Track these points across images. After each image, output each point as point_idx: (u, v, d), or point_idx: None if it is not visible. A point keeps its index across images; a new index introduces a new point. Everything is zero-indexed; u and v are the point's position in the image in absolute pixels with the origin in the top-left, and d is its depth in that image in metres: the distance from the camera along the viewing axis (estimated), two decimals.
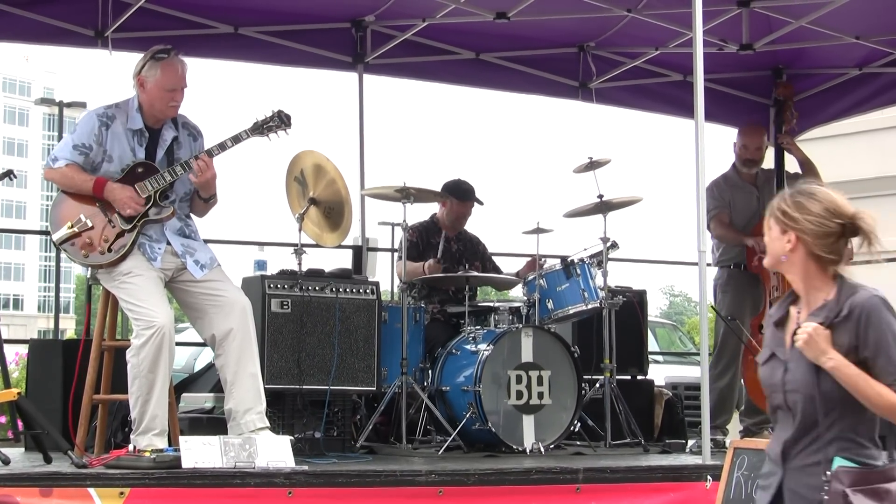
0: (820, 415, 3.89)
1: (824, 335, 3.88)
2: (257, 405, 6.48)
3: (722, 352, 8.47)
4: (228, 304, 6.49)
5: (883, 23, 9.19)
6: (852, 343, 3.88)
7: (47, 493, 5.46)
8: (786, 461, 3.98)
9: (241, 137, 6.70)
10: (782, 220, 4.02)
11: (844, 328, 3.90)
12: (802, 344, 3.90)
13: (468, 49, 9.80)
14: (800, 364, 3.95)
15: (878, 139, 18.49)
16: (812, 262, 4.00)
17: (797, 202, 4.00)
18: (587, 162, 8.43)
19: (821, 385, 3.89)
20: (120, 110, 6.57)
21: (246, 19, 9.09)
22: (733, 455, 5.79)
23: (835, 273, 4.01)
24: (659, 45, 9.68)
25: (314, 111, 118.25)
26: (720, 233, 8.51)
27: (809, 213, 3.98)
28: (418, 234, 8.80)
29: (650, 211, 75.93)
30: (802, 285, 4.04)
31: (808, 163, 8.91)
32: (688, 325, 43.91)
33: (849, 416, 3.87)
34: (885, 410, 3.84)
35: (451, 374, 7.97)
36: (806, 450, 3.93)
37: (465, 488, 6.19)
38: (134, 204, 6.41)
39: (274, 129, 6.78)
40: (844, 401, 3.85)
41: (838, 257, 3.99)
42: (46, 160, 6.69)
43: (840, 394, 3.85)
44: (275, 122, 6.77)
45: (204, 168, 6.48)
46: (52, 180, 6.59)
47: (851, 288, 3.98)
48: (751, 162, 8.82)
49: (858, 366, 3.85)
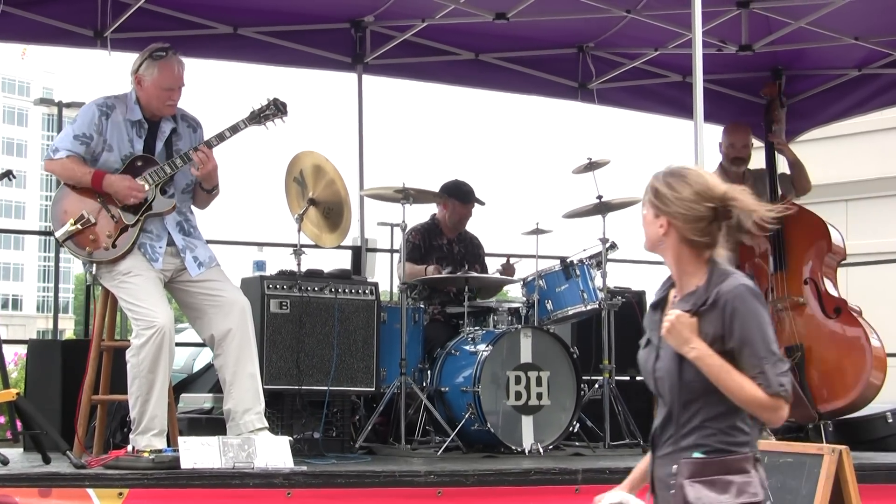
0: (681, 404, 3.77)
1: (689, 323, 3.74)
2: (256, 405, 6.47)
3: None
4: (227, 305, 6.49)
5: (882, 24, 9.19)
6: (718, 332, 3.73)
7: (46, 494, 5.45)
8: (654, 450, 3.88)
9: (238, 127, 6.70)
10: (655, 203, 3.85)
11: (711, 317, 3.75)
12: (665, 332, 3.78)
13: (467, 49, 9.79)
14: (668, 351, 3.82)
15: (878, 140, 18.49)
16: (685, 247, 3.82)
17: (668, 184, 3.82)
18: (586, 163, 8.43)
19: (683, 374, 3.76)
20: (119, 101, 6.58)
21: (245, 19, 9.09)
22: None
23: (709, 258, 3.82)
24: (658, 46, 9.68)
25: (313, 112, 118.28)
26: None
27: (679, 196, 3.80)
28: (421, 235, 8.80)
29: None
30: (676, 270, 3.89)
31: (798, 164, 8.89)
32: None
33: (713, 406, 3.73)
34: (747, 403, 3.70)
35: (450, 374, 7.97)
36: (670, 439, 3.80)
37: (464, 489, 6.19)
38: (136, 193, 6.41)
39: (270, 117, 6.77)
40: (707, 391, 3.72)
41: (711, 241, 3.80)
42: (47, 152, 6.68)
43: (703, 384, 3.72)
44: (271, 110, 6.76)
45: (205, 159, 6.48)
46: (53, 172, 6.59)
47: (722, 275, 3.79)
48: (739, 160, 8.80)
49: (724, 356, 3.70)
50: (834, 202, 17.75)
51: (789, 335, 8.26)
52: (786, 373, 3.71)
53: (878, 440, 8.77)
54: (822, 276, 8.39)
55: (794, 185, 8.85)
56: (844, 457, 5.42)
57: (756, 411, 3.72)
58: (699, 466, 3.71)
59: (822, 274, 8.40)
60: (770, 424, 3.84)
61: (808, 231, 8.51)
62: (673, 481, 3.75)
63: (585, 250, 8.46)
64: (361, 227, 9.60)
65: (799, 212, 8.67)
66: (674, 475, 3.75)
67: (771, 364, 3.69)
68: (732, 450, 3.73)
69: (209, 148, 6.53)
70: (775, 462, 5.57)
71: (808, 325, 8.29)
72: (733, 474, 3.70)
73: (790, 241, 8.46)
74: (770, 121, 8.91)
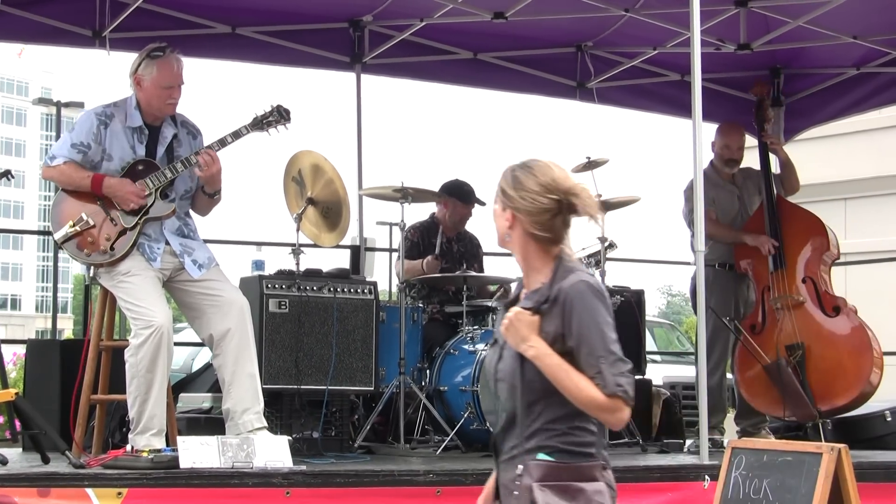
0: (523, 405, 3.64)
1: (528, 321, 3.63)
2: (255, 405, 6.47)
3: (711, 351, 8.40)
4: (226, 304, 6.49)
5: (880, 22, 9.19)
6: (558, 331, 3.62)
7: (45, 494, 5.45)
8: (497, 454, 3.75)
9: (241, 133, 6.70)
10: (501, 196, 3.76)
11: (552, 314, 3.64)
12: (504, 329, 3.67)
13: (466, 49, 9.79)
14: (511, 351, 3.70)
15: (875, 139, 18.46)
16: (531, 242, 3.71)
17: (514, 177, 3.73)
18: (585, 161, 8.42)
19: (524, 374, 3.64)
20: (118, 109, 6.57)
21: (243, 19, 9.09)
22: (731, 455, 5.79)
23: (556, 254, 3.71)
24: (657, 45, 9.68)
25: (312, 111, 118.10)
26: (712, 230, 8.36)
27: (523, 188, 3.69)
28: (419, 233, 8.80)
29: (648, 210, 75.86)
30: (524, 266, 3.77)
31: (789, 163, 8.88)
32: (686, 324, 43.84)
33: (556, 408, 3.62)
34: (584, 404, 3.58)
35: (449, 373, 7.96)
36: (514, 441, 3.67)
37: (463, 488, 6.18)
38: (136, 198, 6.40)
39: (273, 123, 6.78)
40: (549, 391, 3.60)
41: (555, 236, 3.69)
42: (45, 159, 6.68)
43: (544, 384, 3.60)
44: (274, 116, 6.77)
45: (210, 162, 6.48)
46: (51, 178, 6.59)
47: (566, 272, 3.68)
48: (733, 162, 8.80)
49: (565, 356, 3.59)
50: (832, 201, 17.73)
51: (790, 334, 8.26)
52: (625, 374, 3.59)
53: (876, 438, 8.78)
54: (819, 274, 8.39)
55: (783, 184, 8.84)
56: (843, 455, 5.42)
57: (594, 413, 3.61)
58: (550, 470, 3.61)
59: (820, 272, 8.41)
60: (610, 427, 3.68)
61: (805, 229, 8.51)
62: (518, 482, 3.63)
63: (584, 249, 8.45)
64: (360, 226, 9.60)
65: (796, 210, 8.68)
66: (519, 476, 3.63)
67: (609, 364, 3.58)
68: (578, 451, 3.63)
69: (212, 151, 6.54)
70: (774, 460, 5.58)
71: (807, 324, 8.28)
72: (584, 482, 3.61)
73: (788, 239, 8.46)
74: (762, 120, 8.89)
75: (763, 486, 5.56)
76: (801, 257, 8.44)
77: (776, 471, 5.55)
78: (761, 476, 5.59)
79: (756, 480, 5.60)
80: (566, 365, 3.59)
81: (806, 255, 8.44)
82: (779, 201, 8.65)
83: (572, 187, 3.69)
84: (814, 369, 8.18)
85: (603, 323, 3.62)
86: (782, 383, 8.11)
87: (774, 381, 8.16)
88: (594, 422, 3.65)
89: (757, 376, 8.31)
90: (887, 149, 18.40)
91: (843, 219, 17.47)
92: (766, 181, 8.69)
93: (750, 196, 8.82)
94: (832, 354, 8.21)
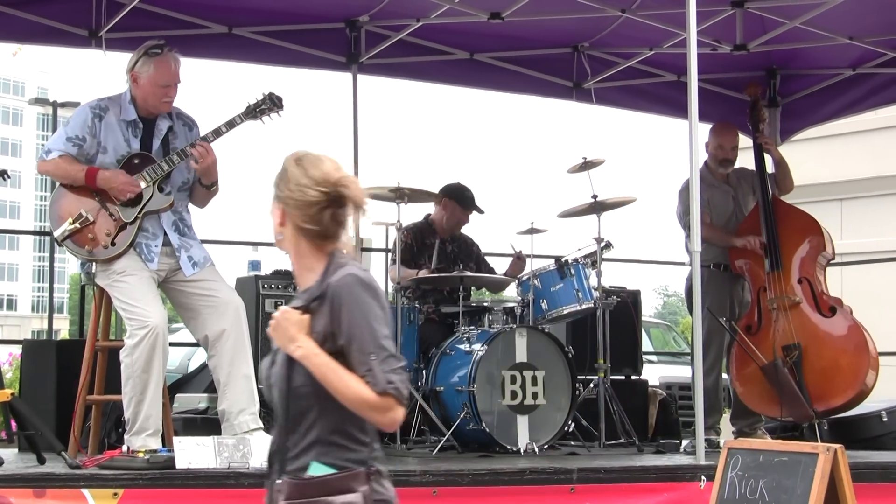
0: (294, 414, 3.46)
1: (296, 321, 3.45)
2: (251, 406, 6.47)
3: (707, 351, 8.41)
4: (222, 305, 6.48)
5: (876, 23, 9.20)
6: (328, 330, 3.46)
7: (41, 494, 5.45)
8: (270, 471, 3.54)
9: (235, 122, 6.71)
10: (274, 190, 3.61)
11: (321, 312, 3.47)
12: (270, 330, 3.49)
13: (462, 49, 9.79)
14: (282, 355, 3.51)
15: (871, 140, 18.47)
16: (302, 238, 3.56)
17: (284, 170, 3.58)
18: (581, 162, 8.43)
19: (293, 378, 3.46)
20: (113, 102, 6.58)
21: (240, 19, 9.08)
22: (727, 455, 5.79)
23: (330, 251, 3.57)
24: (653, 46, 9.68)
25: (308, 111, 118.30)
26: (705, 234, 8.39)
27: (291, 180, 3.55)
28: (413, 235, 8.80)
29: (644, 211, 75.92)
30: (297, 265, 3.61)
31: (783, 163, 8.89)
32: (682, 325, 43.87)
33: (331, 414, 3.44)
34: (355, 404, 3.40)
35: (445, 374, 7.97)
36: (289, 455, 3.48)
37: (460, 489, 6.19)
38: (131, 187, 6.40)
39: (266, 111, 6.77)
40: (320, 397, 3.42)
41: (324, 230, 3.54)
42: (40, 153, 6.68)
43: (314, 389, 3.42)
44: (267, 104, 6.76)
45: (204, 154, 6.48)
46: (46, 172, 6.60)
47: (336, 267, 3.53)
48: (727, 162, 8.81)
49: (337, 355, 3.42)
50: (828, 201, 17.73)
51: (786, 334, 8.26)
52: (397, 371, 3.44)
53: (873, 439, 8.79)
54: (815, 274, 8.40)
55: (777, 184, 8.86)
56: (839, 455, 5.42)
57: (366, 413, 3.43)
58: (300, 488, 3.41)
59: (816, 273, 8.41)
60: (383, 428, 3.51)
61: (801, 230, 8.52)
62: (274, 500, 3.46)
63: (580, 249, 8.47)
64: (356, 226, 9.57)
65: (791, 210, 8.68)
66: (278, 493, 3.45)
67: (380, 360, 3.42)
68: (345, 461, 3.44)
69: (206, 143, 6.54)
70: (770, 461, 5.58)
71: (803, 325, 8.29)
72: (335, 495, 3.40)
73: (783, 240, 8.47)
74: (756, 120, 8.90)
75: (759, 487, 5.57)
76: (797, 258, 8.45)
77: (772, 471, 5.55)
78: (757, 476, 5.60)
79: (752, 481, 5.61)
80: (335, 364, 3.42)
81: (801, 256, 8.45)
82: (774, 202, 8.65)
83: (341, 178, 3.55)
84: (810, 370, 8.18)
85: (373, 318, 3.46)
86: (779, 384, 8.11)
87: (771, 381, 8.17)
88: (368, 428, 3.50)
89: (753, 377, 8.31)
90: (883, 150, 18.41)
91: (839, 219, 17.47)
92: (762, 181, 8.69)
93: (745, 196, 8.83)
94: (828, 355, 8.21)
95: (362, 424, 3.47)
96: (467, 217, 8.96)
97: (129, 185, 6.41)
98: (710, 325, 8.37)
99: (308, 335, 3.47)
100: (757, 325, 8.41)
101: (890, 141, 18.21)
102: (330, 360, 3.42)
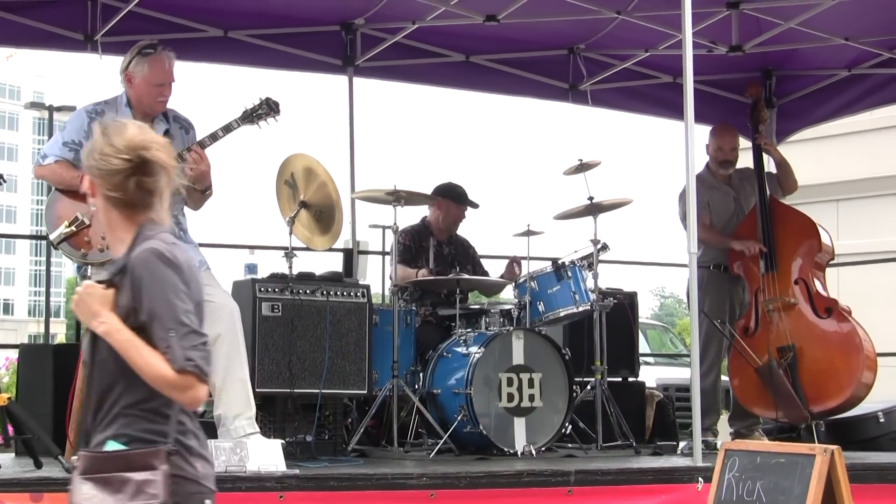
0: (101, 389, 3.41)
1: (100, 295, 3.40)
2: (247, 411, 6.46)
3: (705, 353, 8.42)
4: (217, 309, 6.47)
5: (872, 24, 9.21)
6: (130, 305, 3.39)
7: (38, 499, 5.45)
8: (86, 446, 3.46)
9: (231, 127, 6.70)
10: (83, 161, 3.54)
11: (124, 287, 3.41)
12: (73, 305, 3.43)
13: (458, 51, 9.79)
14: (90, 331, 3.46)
15: (867, 140, 18.50)
16: (112, 209, 3.49)
17: (93, 140, 3.50)
18: (577, 164, 8.42)
19: (97, 353, 3.41)
20: (109, 106, 6.58)
21: (235, 22, 9.08)
22: (724, 457, 5.79)
23: (140, 222, 3.49)
24: (649, 47, 9.69)
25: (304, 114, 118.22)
26: (703, 236, 8.42)
27: (95, 150, 3.47)
28: (411, 237, 8.80)
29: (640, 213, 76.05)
30: (110, 237, 3.55)
31: (785, 164, 8.89)
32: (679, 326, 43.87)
33: (134, 390, 3.37)
34: (155, 381, 3.33)
35: (442, 376, 7.96)
36: (96, 430, 3.42)
37: (457, 491, 6.19)
38: None
39: (263, 116, 6.77)
40: (125, 372, 3.35)
41: (130, 199, 3.46)
42: (36, 158, 6.68)
43: (118, 364, 3.36)
44: (263, 109, 6.77)
45: (199, 160, 6.48)
46: (43, 177, 6.60)
47: (142, 240, 3.45)
48: (727, 163, 8.82)
49: (140, 331, 3.35)
50: (824, 202, 17.77)
51: (781, 335, 8.26)
52: (198, 347, 3.37)
53: (869, 440, 8.79)
54: (812, 276, 8.40)
55: (780, 185, 8.86)
56: (836, 457, 5.43)
57: (166, 391, 3.36)
58: (98, 461, 3.36)
59: (813, 274, 8.41)
60: (186, 406, 3.42)
61: (798, 231, 8.52)
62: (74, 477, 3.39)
63: (577, 252, 8.46)
64: (353, 229, 9.60)
65: (788, 211, 8.69)
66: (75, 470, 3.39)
67: (179, 337, 3.35)
68: (149, 438, 3.37)
69: (202, 148, 6.54)
70: (767, 462, 5.59)
71: (799, 326, 8.29)
72: (134, 471, 3.32)
73: (780, 241, 8.47)
74: (756, 121, 8.90)
75: (756, 488, 5.57)
76: (794, 259, 8.45)
77: (769, 472, 5.55)
78: (755, 478, 5.60)
79: (749, 482, 5.61)
80: (137, 340, 3.35)
81: (798, 257, 8.45)
82: (772, 203, 8.65)
83: (143, 142, 3.47)
84: (806, 371, 8.19)
85: (172, 293, 3.39)
86: (773, 385, 8.11)
87: (766, 383, 8.17)
88: (176, 405, 3.41)
89: (750, 378, 8.32)
90: (879, 150, 18.43)
91: (835, 220, 17.50)
92: (760, 183, 8.69)
93: (747, 197, 8.83)
94: (824, 356, 8.21)
95: (169, 401, 3.41)
96: (463, 213, 8.96)
97: None
98: (709, 327, 8.38)
99: (113, 310, 3.42)
100: (754, 327, 8.41)
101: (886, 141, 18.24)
102: (132, 336, 3.37)
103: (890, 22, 9.16)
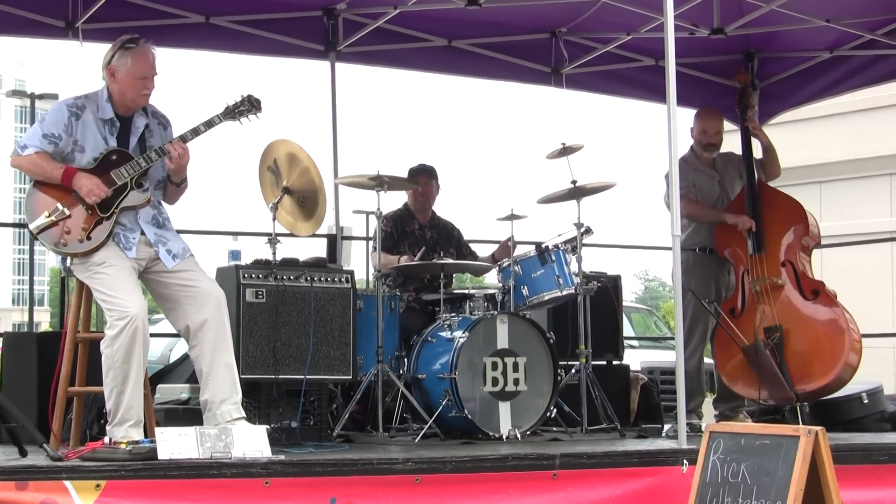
0: None
1: None
2: (233, 396, 6.47)
3: (690, 336, 8.43)
4: (203, 295, 6.47)
5: (853, 6, 9.22)
6: None
7: (23, 487, 5.43)
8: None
9: (213, 122, 6.70)
10: None
11: None
12: None
13: (440, 36, 9.78)
14: None
15: (849, 122, 18.56)
16: None
17: None
18: (560, 148, 8.43)
19: None
20: (90, 101, 6.56)
21: (217, 8, 9.06)
22: (709, 439, 5.80)
23: None
24: (630, 31, 9.69)
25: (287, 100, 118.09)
26: (692, 210, 8.45)
27: None
28: (392, 223, 8.81)
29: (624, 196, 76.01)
30: None
31: (771, 148, 8.91)
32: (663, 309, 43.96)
33: None
34: None
35: (426, 361, 7.97)
36: None
37: (442, 476, 6.19)
38: (98, 191, 6.37)
39: (245, 112, 6.78)
40: None
41: None
42: (15, 148, 6.65)
43: None
44: (245, 106, 6.77)
45: (182, 153, 6.48)
46: (20, 167, 6.56)
47: None
48: (712, 146, 8.85)
49: None
50: (807, 184, 17.81)
51: (768, 316, 8.28)
52: None
53: (853, 421, 8.83)
54: (799, 259, 8.42)
55: (764, 169, 8.88)
56: (821, 438, 5.44)
57: None
58: None
59: (800, 257, 8.44)
60: None
61: (785, 213, 8.54)
62: None
63: (560, 235, 8.47)
64: (336, 215, 9.59)
65: (777, 195, 8.70)
66: None
67: None
68: None
69: (184, 142, 6.53)
70: (752, 444, 5.60)
71: (786, 307, 8.31)
72: None
73: (768, 222, 8.49)
74: (745, 106, 8.92)
75: (741, 470, 5.58)
76: (782, 241, 8.46)
77: (754, 454, 5.56)
78: (739, 460, 5.61)
79: (734, 464, 5.62)
80: None
81: (786, 239, 8.47)
82: (760, 186, 8.67)
83: None
84: (791, 352, 8.21)
85: None
86: (759, 366, 8.13)
87: (752, 363, 8.19)
88: None
89: (736, 360, 8.34)
90: (862, 132, 18.50)
91: (818, 202, 17.54)
92: (748, 166, 8.71)
93: (731, 181, 8.85)
94: (810, 337, 8.23)
95: None
96: (428, 189, 8.96)
97: (98, 187, 6.37)
98: (694, 309, 8.41)
99: None
100: (740, 308, 8.42)
101: (868, 123, 18.30)
102: None
103: (870, 3, 9.17)
